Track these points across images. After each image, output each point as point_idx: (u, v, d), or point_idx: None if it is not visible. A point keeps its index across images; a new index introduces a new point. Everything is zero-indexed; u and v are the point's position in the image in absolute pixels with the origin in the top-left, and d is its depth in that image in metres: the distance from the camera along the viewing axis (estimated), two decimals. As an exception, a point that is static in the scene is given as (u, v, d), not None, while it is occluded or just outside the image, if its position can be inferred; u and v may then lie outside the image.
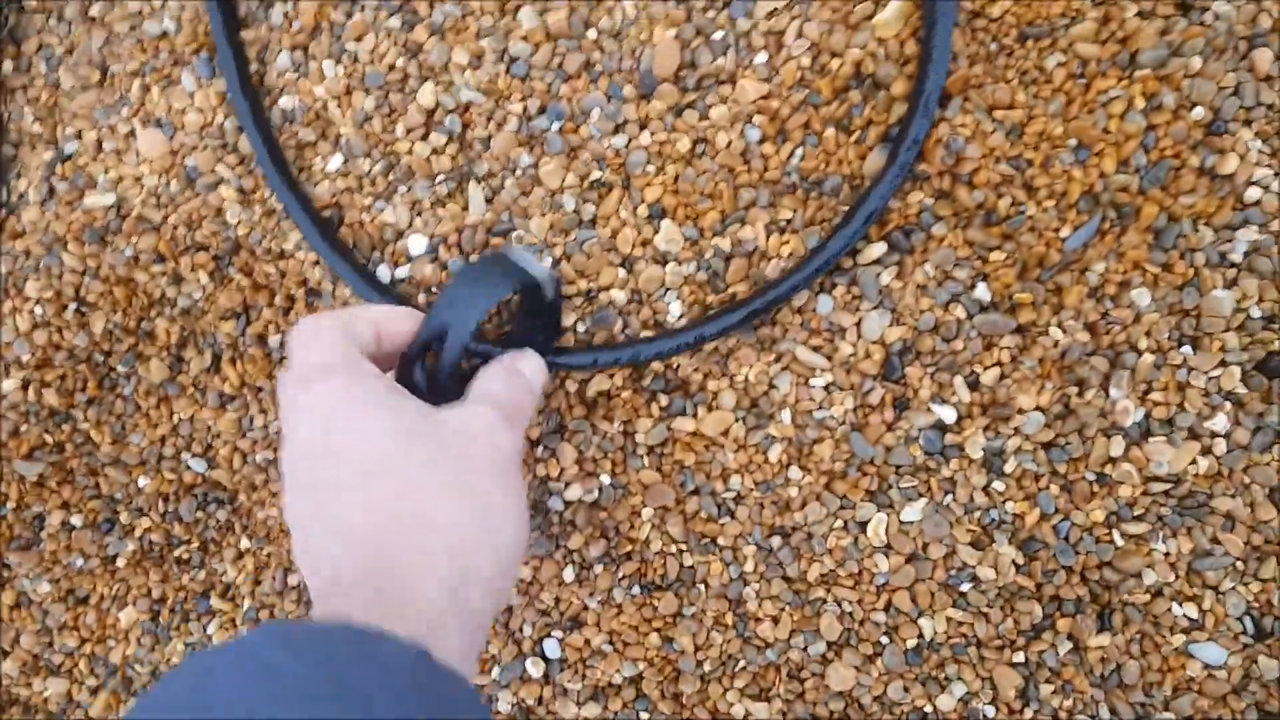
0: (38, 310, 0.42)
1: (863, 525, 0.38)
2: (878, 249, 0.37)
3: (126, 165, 0.42)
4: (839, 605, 0.38)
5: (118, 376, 0.43)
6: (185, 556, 0.44)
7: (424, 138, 0.39)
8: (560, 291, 0.36)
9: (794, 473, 0.38)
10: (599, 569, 0.39)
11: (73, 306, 0.42)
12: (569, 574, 0.40)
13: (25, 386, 0.43)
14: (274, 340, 0.42)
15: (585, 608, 0.40)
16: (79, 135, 0.43)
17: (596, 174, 0.38)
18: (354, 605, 0.24)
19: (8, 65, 0.44)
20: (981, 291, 0.36)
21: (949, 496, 0.37)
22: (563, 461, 0.39)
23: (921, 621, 0.38)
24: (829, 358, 0.38)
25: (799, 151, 0.37)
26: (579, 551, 0.40)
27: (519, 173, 0.39)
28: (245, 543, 0.44)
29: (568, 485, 0.39)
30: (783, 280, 0.36)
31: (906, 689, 0.38)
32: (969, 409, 0.37)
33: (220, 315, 0.42)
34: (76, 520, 0.44)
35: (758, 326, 0.38)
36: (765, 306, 0.36)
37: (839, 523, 0.38)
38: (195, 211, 0.41)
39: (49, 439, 0.43)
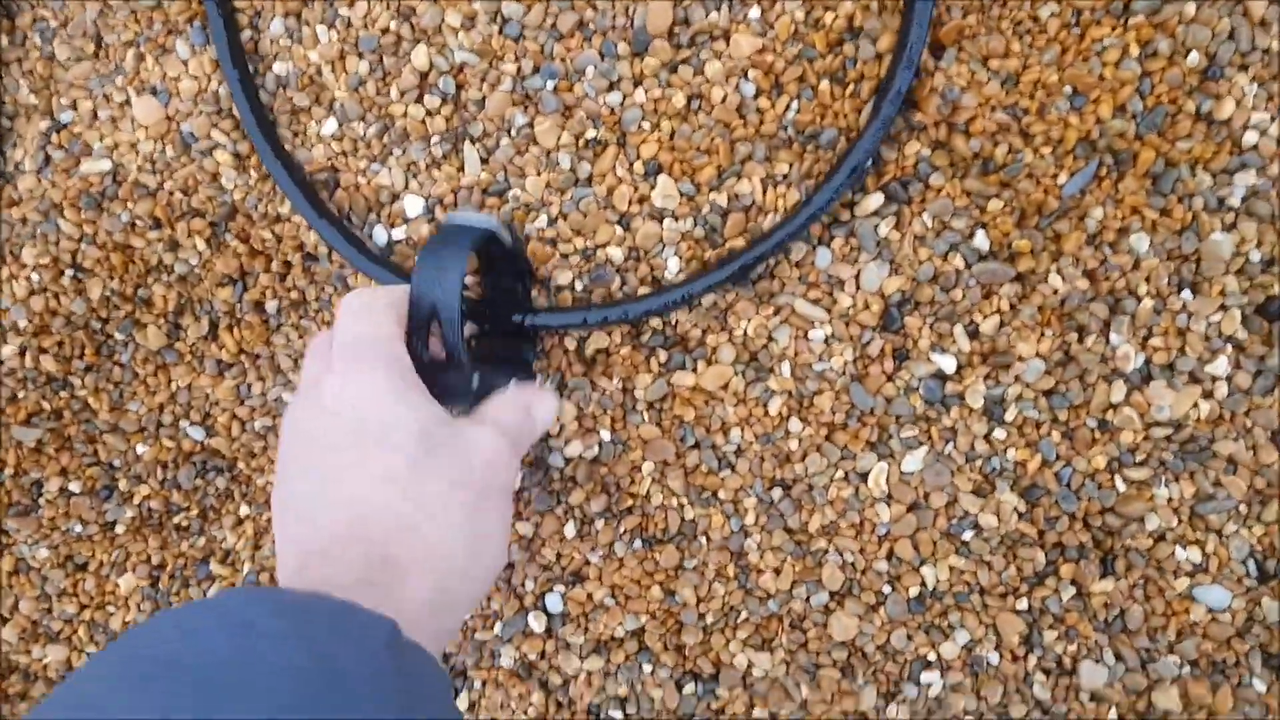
0: (35, 277, 0.42)
1: (864, 475, 0.38)
2: (875, 200, 0.37)
3: (122, 132, 0.42)
4: (841, 555, 0.38)
5: (115, 344, 0.43)
6: (184, 523, 0.44)
7: (418, 100, 0.39)
8: (518, 235, 0.36)
9: (794, 425, 0.38)
10: (600, 524, 0.39)
11: (70, 273, 0.42)
12: (570, 529, 0.40)
13: (23, 352, 0.43)
14: (271, 306, 0.42)
15: (587, 562, 0.40)
16: (74, 105, 0.43)
17: (592, 132, 0.38)
18: (339, 579, 0.24)
19: (3, 39, 0.44)
20: (980, 240, 0.36)
21: (950, 445, 0.37)
22: (563, 418, 0.39)
23: (924, 570, 0.38)
24: (828, 310, 0.38)
25: (794, 105, 0.37)
26: (580, 507, 0.39)
27: (514, 132, 0.39)
28: (245, 509, 0.43)
29: (568, 442, 0.39)
30: (771, 233, 0.36)
31: (910, 637, 0.38)
32: (969, 358, 0.37)
33: (217, 282, 0.42)
34: (75, 487, 0.44)
35: (755, 281, 0.38)
36: (754, 260, 0.36)
37: (840, 473, 0.38)
38: (191, 177, 0.41)
39: (47, 405, 0.43)
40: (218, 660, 0.19)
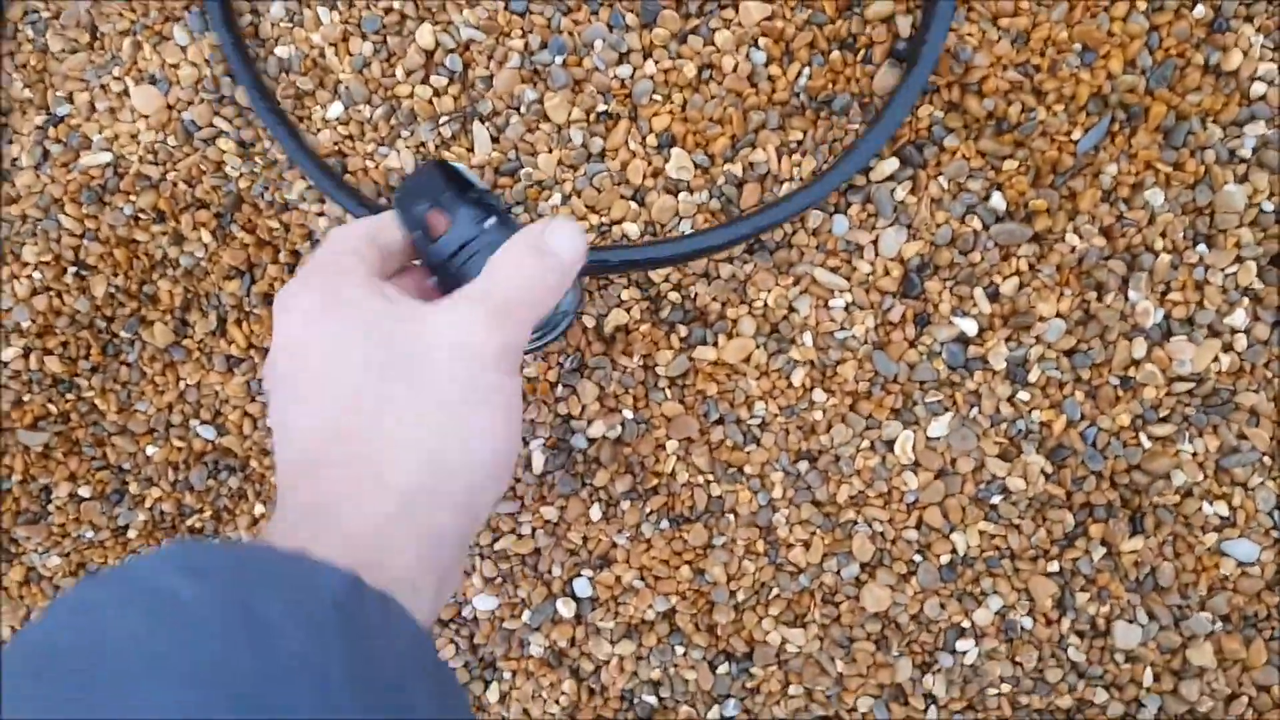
0: (36, 275, 0.41)
1: (890, 444, 0.38)
2: (890, 165, 0.37)
3: (122, 123, 0.41)
4: (870, 526, 0.38)
5: (121, 342, 0.42)
6: (198, 525, 0.43)
7: (425, 80, 0.39)
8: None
9: (818, 395, 0.38)
10: (626, 505, 0.39)
11: (72, 270, 0.41)
12: (596, 512, 0.39)
13: (27, 354, 0.41)
14: (280, 298, 0.41)
15: (614, 545, 0.39)
16: (70, 97, 0.42)
17: (603, 106, 0.38)
18: (290, 522, 0.22)
19: (-8, 36, 0.43)
20: (996, 201, 0.36)
21: (974, 409, 0.37)
22: (584, 399, 0.39)
23: (954, 537, 0.38)
24: (848, 278, 0.37)
25: (806, 71, 0.37)
26: (605, 488, 0.39)
27: (524, 109, 0.38)
28: (259, 508, 0.43)
29: (590, 423, 0.39)
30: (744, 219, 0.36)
31: (943, 606, 0.38)
32: (990, 320, 0.37)
33: (224, 275, 0.41)
34: (85, 491, 0.43)
35: (774, 251, 0.38)
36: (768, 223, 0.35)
37: (866, 443, 0.38)
38: (195, 166, 0.40)
39: (53, 408, 0.42)
40: (110, 641, 0.17)
